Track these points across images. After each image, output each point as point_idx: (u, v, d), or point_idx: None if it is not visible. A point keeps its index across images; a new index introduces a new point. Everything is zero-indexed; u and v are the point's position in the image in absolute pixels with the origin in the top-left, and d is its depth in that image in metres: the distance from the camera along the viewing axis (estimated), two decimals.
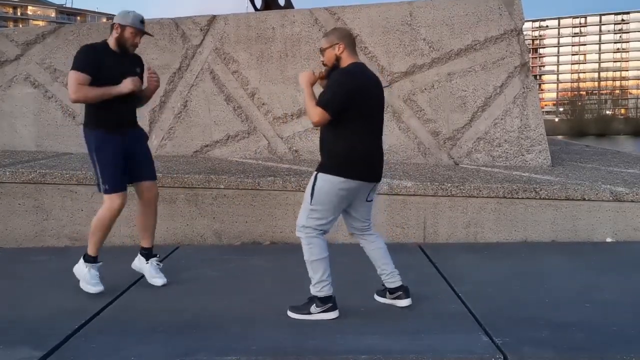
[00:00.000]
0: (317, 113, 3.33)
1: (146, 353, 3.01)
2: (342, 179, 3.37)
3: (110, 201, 3.95)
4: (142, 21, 4.04)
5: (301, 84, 3.48)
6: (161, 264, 4.30)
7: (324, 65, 3.55)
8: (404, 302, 3.61)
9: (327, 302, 3.45)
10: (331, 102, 3.32)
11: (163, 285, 4.18)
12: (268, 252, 5.31)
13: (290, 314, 3.52)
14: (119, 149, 3.98)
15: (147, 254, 4.26)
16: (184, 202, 5.61)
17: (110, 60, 3.94)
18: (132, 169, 4.09)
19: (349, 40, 3.49)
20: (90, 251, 4.03)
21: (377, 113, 3.51)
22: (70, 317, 3.52)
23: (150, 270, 4.23)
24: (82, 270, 4.02)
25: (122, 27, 3.97)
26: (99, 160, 3.94)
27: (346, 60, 3.47)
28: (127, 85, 3.92)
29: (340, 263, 3.81)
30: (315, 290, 3.46)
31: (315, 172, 3.46)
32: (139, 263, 4.28)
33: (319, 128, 3.51)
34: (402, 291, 3.62)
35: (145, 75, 4.15)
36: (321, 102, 3.34)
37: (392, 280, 3.62)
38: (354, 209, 3.54)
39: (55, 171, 5.65)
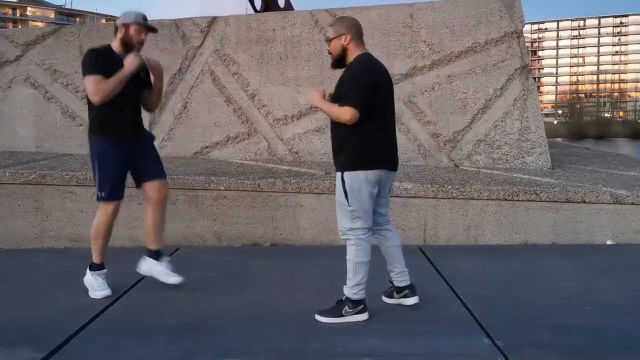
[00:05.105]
0: (347, 112, 3.29)
1: (147, 355, 3.01)
2: (369, 171, 3.37)
3: (104, 208, 3.93)
4: (144, 18, 4.00)
5: (315, 104, 3.47)
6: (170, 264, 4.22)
7: (330, 54, 3.53)
8: (411, 300, 3.59)
9: (359, 305, 3.44)
10: (358, 98, 3.28)
11: (179, 284, 4.08)
12: (268, 253, 5.30)
13: (319, 318, 3.45)
14: (123, 156, 3.93)
15: (156, 255, 4.16)
16: (184, 203, 5.60)
17: (114, 64, 3.87)
18: (140, 171, 4.05)
19: (356, 30, 3.45)
20: (94, 259, 4.00)
21: (389, 102, 3.52)
22: (70, 318, 3.51)
23: (164, 270, 4.12)
24: (89, 279, 4.01)
25: (126, 25, 3.92)
26: (99, 167, 3.90)
27: (353, 52, 3.44)
28: (132, 61, 3.84)
29: (341, 265, 3.79)
30: (350, 292, 3.43)
31: (340, 173, 3.41)
32: (148, 265, 4.15)
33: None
34: (409, 289, 3.60)
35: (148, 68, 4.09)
36: (348, 99, 3.30)
37: (402, 279, 3.61)
38: (376, 202, 3.52)
39: (55, 172, 5.64)
